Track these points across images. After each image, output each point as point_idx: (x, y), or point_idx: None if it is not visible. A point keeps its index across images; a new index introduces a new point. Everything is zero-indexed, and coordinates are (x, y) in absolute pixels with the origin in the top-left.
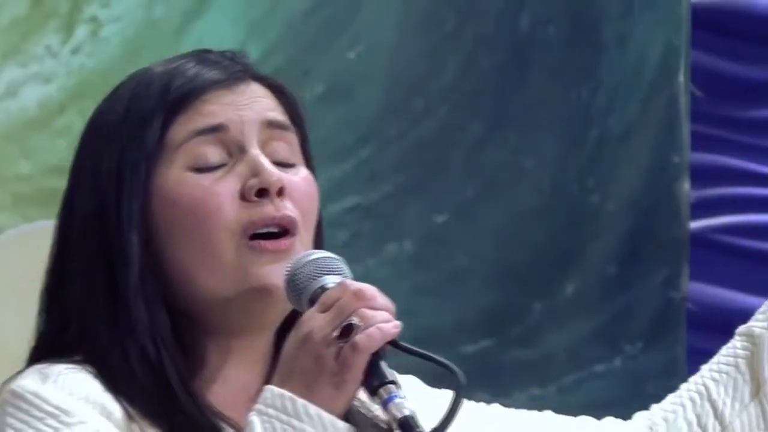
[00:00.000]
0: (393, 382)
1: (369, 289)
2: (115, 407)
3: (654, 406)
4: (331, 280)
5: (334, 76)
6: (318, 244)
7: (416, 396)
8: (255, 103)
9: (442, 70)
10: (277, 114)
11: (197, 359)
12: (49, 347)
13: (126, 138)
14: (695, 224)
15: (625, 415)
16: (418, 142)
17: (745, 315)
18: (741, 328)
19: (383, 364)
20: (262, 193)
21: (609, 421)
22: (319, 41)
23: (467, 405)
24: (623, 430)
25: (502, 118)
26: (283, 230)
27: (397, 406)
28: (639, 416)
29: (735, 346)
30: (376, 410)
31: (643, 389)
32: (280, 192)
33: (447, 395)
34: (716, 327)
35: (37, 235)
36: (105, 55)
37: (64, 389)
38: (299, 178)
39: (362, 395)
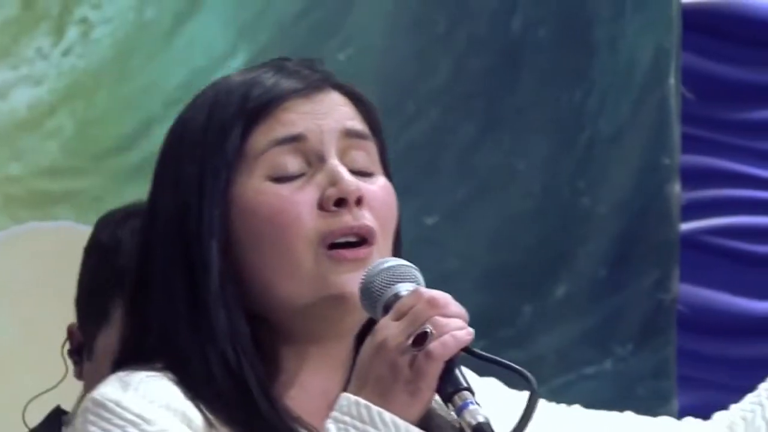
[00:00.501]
0: (467, 389)
1: (442, 296)
2: (195, 414)
3: (733, 406)
4: (404, 288)
5: None
6: (396, 253)
7: (497, 399)
8: (334, 112)
9: (434, 72)
10: (356, 123)
11: (276, 366)
12: (131, 352)
13: (207, 146)
14: (686, 226)
15: None
16: (409, 144)
17: (736, 317)
18: None
19: (458, 371)
20: (341, 202)
21: (689, 420)
22: (310, 43)
23: (547, 407)
24: (703, 430)
25: (494, 120)
26: (362, 239)
27: (472, 412)
28: (718, 416)
29: None
30: None
31: (633, 391)
32: (359, 201)
33: (527, 397)
34: (706, 329)
35: (27, 237)
36: (96, 57)
37: (145, 397)
38: (377, 187)
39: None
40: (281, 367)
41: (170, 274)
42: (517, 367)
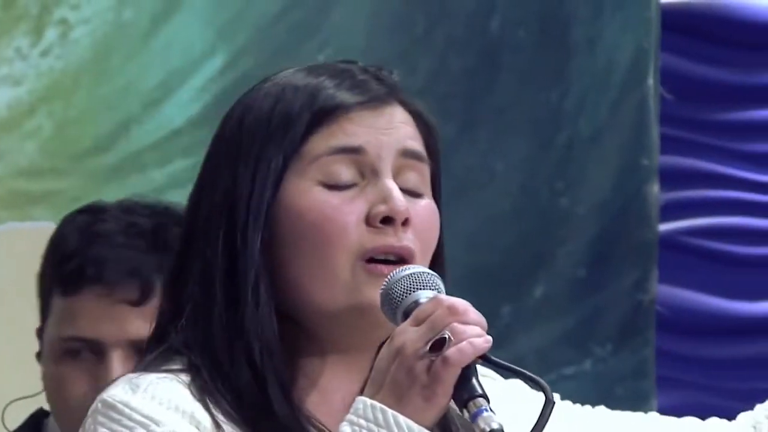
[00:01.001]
0: (483, 396)
1: (462, 304)
2: (203, 416)
3: (758, 406)
4: (425, 295)
5: None
6: (435, 267)
7: (521, 400)
8: (396, 130)
9: (413, 72)
10: (416, 144)
11: (298, 368)
12: (162, 333)
13: (266, 139)
14: (664, 227)
15: None
16: None
17: (714, 317)
18: None
19: (474, 379)
20: (388, 221)
21: (713, 421)
22: (289, 44)
23: (570, 408)
24: (727, 430)
25: (472, 121)
26: (400, 259)
27: (486, 419)
28: (742, 416)
29: None
30: None
31: (612, 391)
32: (405, 222)
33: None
34: (685, 329)
35: (5, 237)
36: (74, 57)
37: (154, 398)
38: (423, 208)
39: None
40: (304, 369)
41: (211, 259)
42: (533, 375)
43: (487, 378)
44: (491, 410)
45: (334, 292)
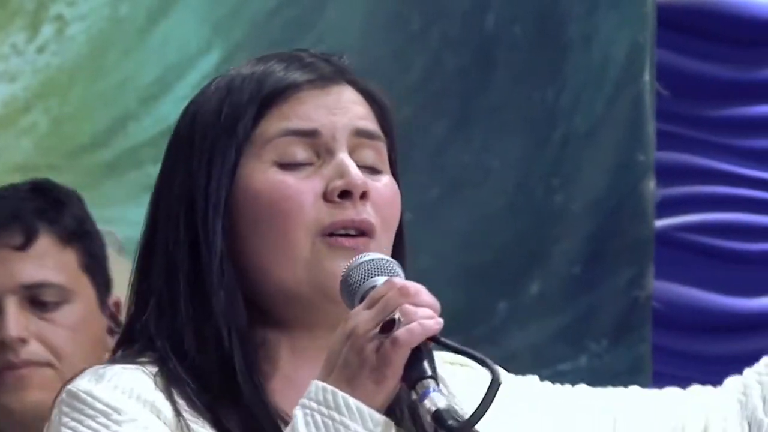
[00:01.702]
0: (432, 377)
1: (414, 286)
2: (164, 405)
3: (747, 370)
4: (382, 281)
5: None
6: (398, 251)
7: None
8: (348, 110)
9: (408, 70)
10: (369, 123)
11: (265, 354)
12: (130, 331)
13: (219, 128)
14: (660, 223)
15: None
16: None
17: (711, 313)
18: None
19: (425, 361)
20: (345, 195)
21: (695, 389)
22: (284, 41)
23: (546, 389)
24: (709, 397)
25: (467, 119)
26: (361, 233)
27: (432, 399)
28: (730, 380)
29: None
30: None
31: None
32: (363, 196)
33: (516, 380)
34: (681, 325)
35: None
36: (70, 54)
37: (117, 388)
38: (382, 184)
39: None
40: (269, 357)
41: (173, 251)
42: (482, 357)
43: (466, 367)
44: (440, 390)
45: (296, 270)
